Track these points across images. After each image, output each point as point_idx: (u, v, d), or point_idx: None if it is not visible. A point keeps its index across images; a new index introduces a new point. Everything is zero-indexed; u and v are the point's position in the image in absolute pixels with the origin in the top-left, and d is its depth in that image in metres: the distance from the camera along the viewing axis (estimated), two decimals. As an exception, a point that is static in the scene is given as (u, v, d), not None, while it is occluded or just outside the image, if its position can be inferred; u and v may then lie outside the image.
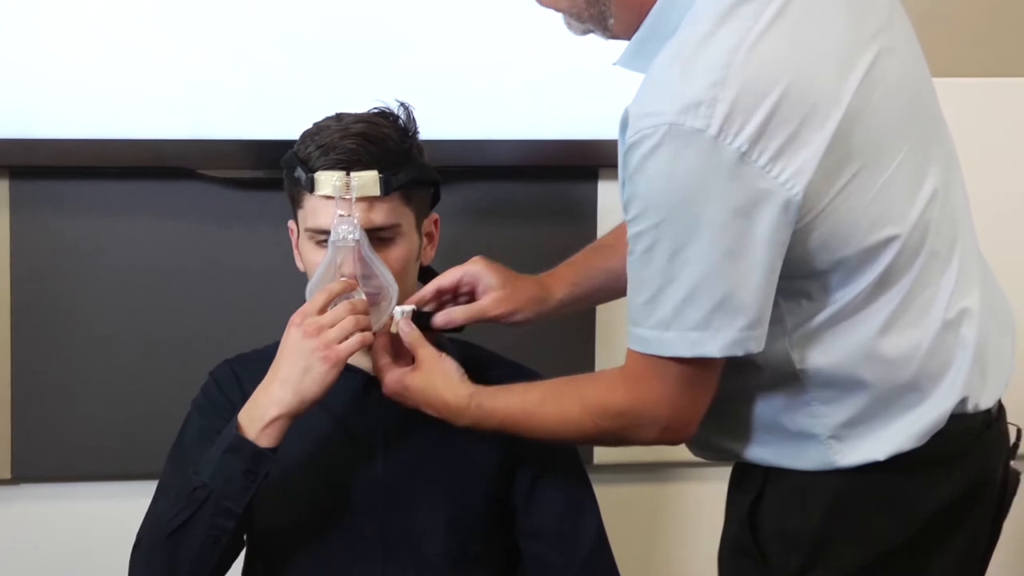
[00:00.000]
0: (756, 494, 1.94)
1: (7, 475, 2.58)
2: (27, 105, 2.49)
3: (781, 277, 1.78)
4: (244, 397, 2.01)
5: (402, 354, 2.06)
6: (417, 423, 2.11)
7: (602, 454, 2.71)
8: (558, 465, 2.16)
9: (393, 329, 2.03)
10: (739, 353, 1.79)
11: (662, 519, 2.80)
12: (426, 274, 2.20)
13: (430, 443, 2.12)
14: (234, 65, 2.52)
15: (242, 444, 1.95)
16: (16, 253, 2.55)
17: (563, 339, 2.69)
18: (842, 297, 1.83)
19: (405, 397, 2.01)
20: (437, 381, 2.00)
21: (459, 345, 2.20)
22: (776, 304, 1.81)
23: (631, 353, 1.85)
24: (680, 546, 2.82)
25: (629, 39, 1.88)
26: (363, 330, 1.96)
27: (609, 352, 2.71)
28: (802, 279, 1.82)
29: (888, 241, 1.81)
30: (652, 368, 1.83)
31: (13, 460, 2.57)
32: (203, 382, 2.18)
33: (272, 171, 2.17)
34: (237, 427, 1.96)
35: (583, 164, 2.63)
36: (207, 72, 2.52)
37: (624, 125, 1.77)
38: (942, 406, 1.88)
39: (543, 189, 2.40)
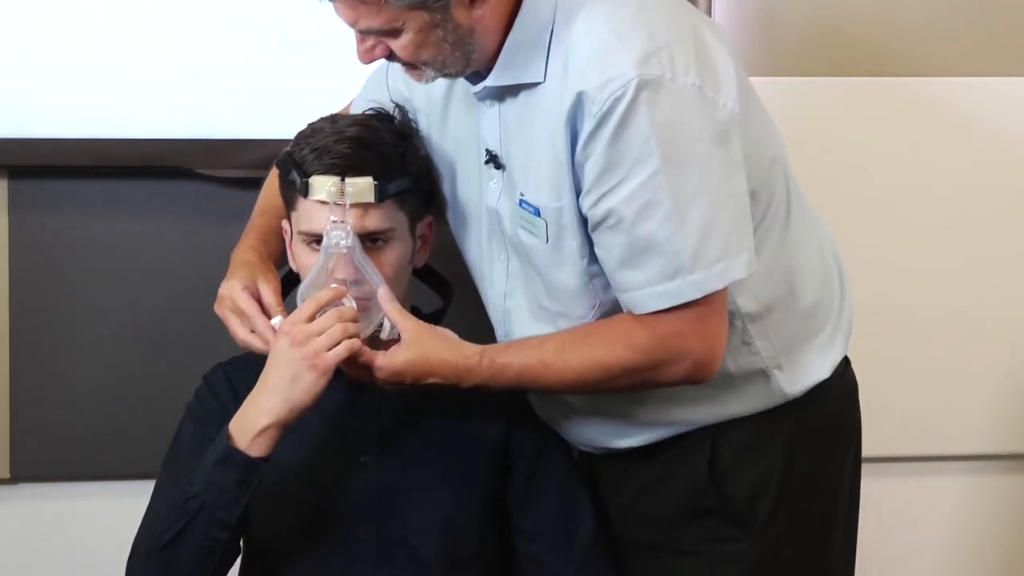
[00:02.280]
0: (709, 455, 2.03)
1: (6, 475, 2.58)
2: (26, 104, 2.49)
3: None
4: (237, 401, 2.02)
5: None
6: (411, 425, 2.12)
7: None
8: (553, 465, 2.16)
9: (384, 336, 2.02)
10: (752, 270, 1.89)
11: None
12: (428, 275, 2.20)
13: (424, 444, 2.12)
14: (233, 65, 2.52)
15: (233, 454, 1.95)
16: (15, 253, 2.55)
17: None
18: (760, 227, 1.96)
19: (403, 376, 1.98)
20: (432, 347, 1.98)
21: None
22: None
23: (646, 316, 1.90)
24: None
25: (480, 68, 1.94)
26: (351, 337, 1.95)
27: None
28: None
29: (773, 161, 1.97)
30: (674, 317, 1.89)
31: (12, 460, 2.58)
32: (198, 384, 2.18)
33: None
34: (228, 437, 1.96)
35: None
36: (206, 72, 2.51)
37: (581, 104, 1.84)
38: (843, 326, 2.08)
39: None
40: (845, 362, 2.13)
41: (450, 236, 2.19)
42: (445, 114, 2.10)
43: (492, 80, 1.95)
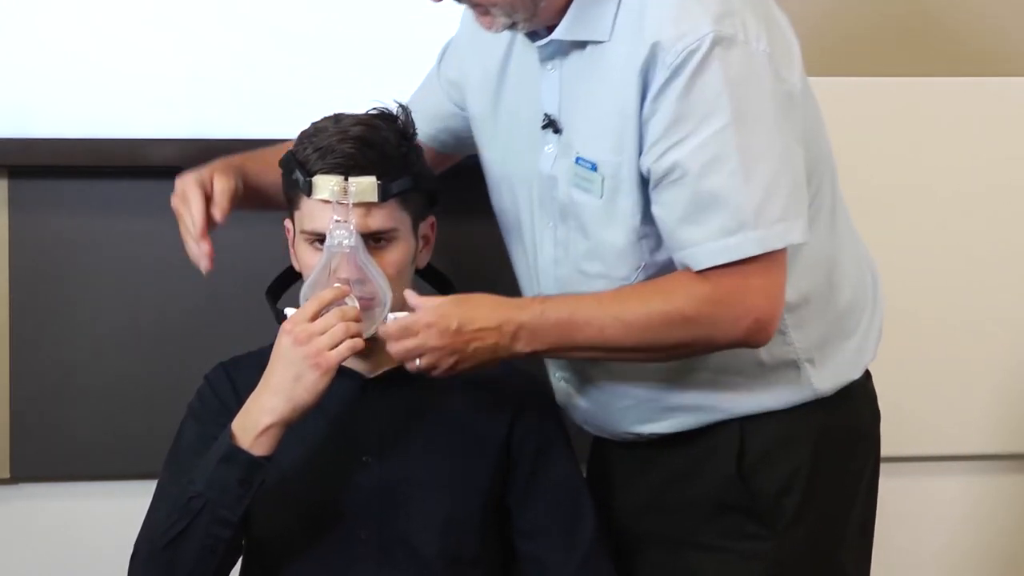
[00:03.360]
0: (737, 449, 2.02)
1: (6, 475, 2.58)
2: (26, 104, 2.49)
3: None
4: (239, 400, 2.02)
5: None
6: (412, 424, 2.12)
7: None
8: (554, 464, 2.16)
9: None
10: (809, 237, 1.90)
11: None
12: (431, 275, 2.20)
13: (426, 444, 2.12)
14: (233, 64, 2.52)
15: (236, 453, 1.95)
16: (15, 252, 2.55)
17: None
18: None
19: (447, 326, 1.94)
20: (475, 297, 1.96)
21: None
22: None
23: (707, 271, 1.90)
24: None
25: (548, 22, 1.95)
26: (354, 337, 1.96)
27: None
28: None
29: (822, 154, 1.98)
30: (734, 272, 1.89)
31: (12, 460, 2.58)
32: (199, 384, 2.18)
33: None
34: (231, 436, 1.96)
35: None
36: (206, 71, 2.52)
37: (655, 56, 1.86)
38: (871, 336, 2.09)
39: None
40: (868, 372, 2.15)
41: (452, 236, 2.19)
42: (500, 86, 2.11)
43: (560, 34, 1.95)
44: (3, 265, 2.55)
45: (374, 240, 2.02)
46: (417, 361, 1.96)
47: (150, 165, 2.54)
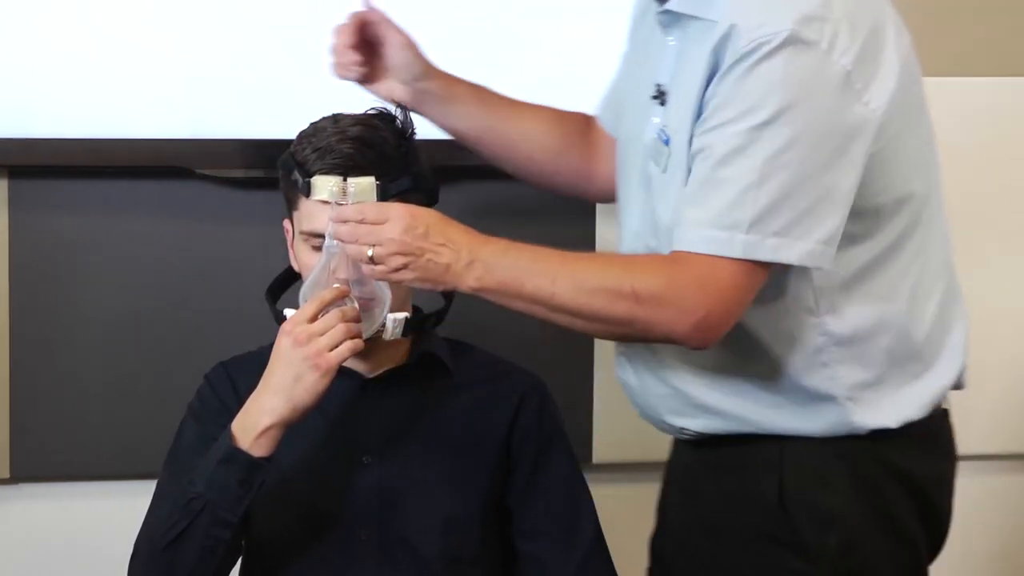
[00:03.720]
0: (777, 474, 1.94)
1: (6, 475, 2.58)
2: (26, 104, 2.49)
3: None
4: (239, 400, 2.02)
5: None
6: (412, 425, 2.12)
7: (602, 454, 2.71)
8: (554, 465, 2.17)
9: (386, 336, 2.02)
10: (811, 265, 1.82)
11: (662, 519, 2.80)
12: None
13: (426, 444, 2.12)
14: (233, 64, 2.52)
15: (236, 454, 1.95)
16: (15, 252, 2.55)
17: (563, 340, 2.68)
18: (869, 250, 1.89)
19: (410, 224, 1.90)
20: (440, 222, 1.92)
21: (454, 345, 2.20)
22: None
23: (685, 253, 1.84)
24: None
25: None
26: (353, 338, 1.95)
27: (610, 353, 2.70)
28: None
29: (912, 196, 1.90)
30: (708, 265, 1.82)
31: (12, 460, 2.57)
32: (199, 384, 2.18)
33: (271, 171, 2.17)
34: (231, 437, 1.96)
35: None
36: (206, 71, 2.51)
37: (730, 37, 1.80)
38: (947, 376, 1.96)
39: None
40: (943, 414, 2.02)
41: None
42: (630, 51, 2.12)
43: (672, 4, 1.91)
44: (3, 265, 2.55)
45: (374, 240, 2.02)
46: (369, 251, 1.90)
47: (150, 165, 2.54)
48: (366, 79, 2.18)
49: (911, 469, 1.96)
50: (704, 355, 1.94)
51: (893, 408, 1.93)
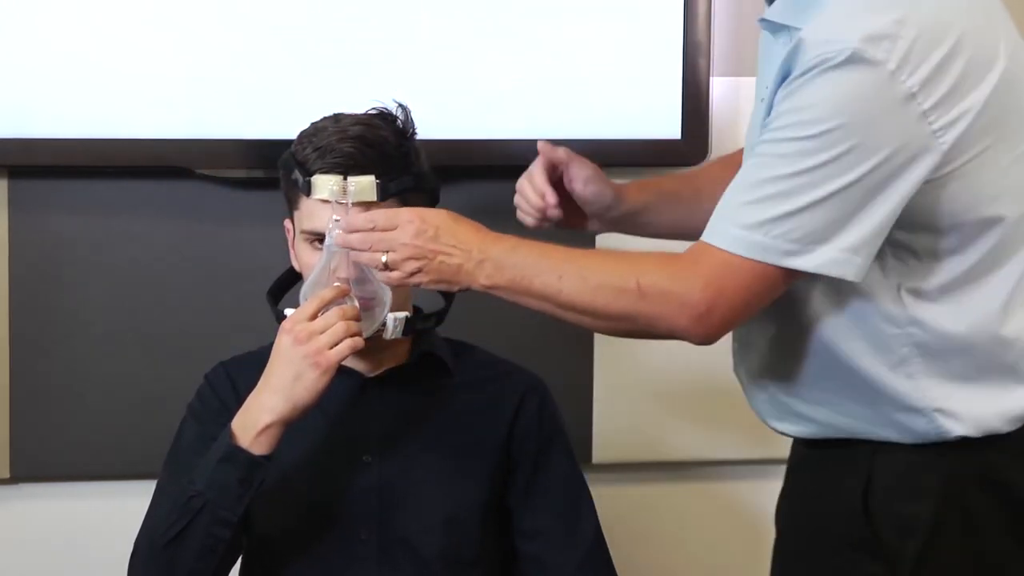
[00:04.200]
0: (865, 479, 1.92)
1: (6, 475, 2.58)
2: (26, 104, 2.48)
3: (897, 228, 1.81)
4: (239, 399, 2.02)
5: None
6: (413, 424, 2.12)
7: (602, 454, 2.71)
8: (555, 465, 2.17)
9: (387, 335, 2.02)
10: (833, 274, 1.79)
11: (661, 519, 2.80)
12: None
13: (426, 444, 2.12)
14: (233, 64, 2.52)
15: (236, 453, 1.95)
16: (15, 253, 2.55)
17: (563, 340, 2.68)
18: (958, 264, 1.85)
19: (424, 224, 1.90)
20: (450, 222, 1.92)
21: (455, 345, 2.20)
22: (885, 257, 1.83)
23: (704, 245, 1.83)
24: (679, 546, 2.82)
25: None
26: (354, 336, 1.95)
27: (610, 353, 2.71)
28: (918, 233, 1.83)
29: (1001, 219, 1.84)
30: (721, 261, 1.81)
31: (12, 460, 2.57)
32: (199, 384, 2.18)
33: (271, 171, 2.17)
34: (231, 435, 1.96)
35: (583, 164, 2.63)
36: (206, 71, 2.51)
37: (798, 51, 1.78)
38: None
39: (542, 189, 2.40)
40: None
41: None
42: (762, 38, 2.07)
43: (773, 13, 1.90)
44: (3, 265, 2.55)
45: (374, 239, 2.02)
46: (383, 258, 1.91)
47: (150, 165, 2.54)
48: (562, 220, 2.15)
49: (1007, 480, 1.91)
50: (791, 365, 1.94)
51: (983, 420, 1.89)
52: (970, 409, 1.88)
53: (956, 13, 1.79)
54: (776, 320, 1.94)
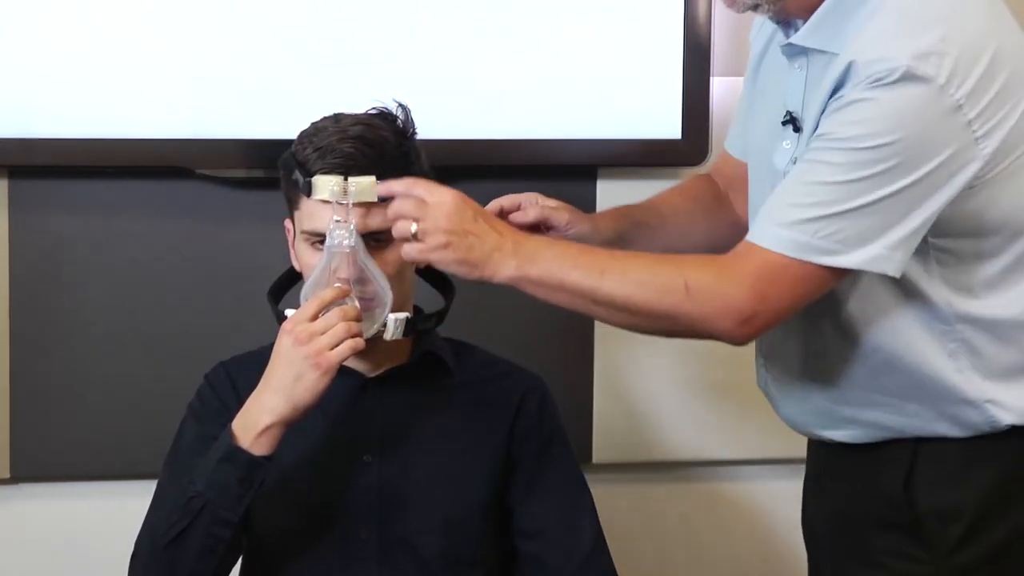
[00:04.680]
0: (906, 470, 1.96)
1: (6, 475, 2.58)
2: (26, 104, 2.49)
3: (939, 235, 1.88)
4: (239, 400, 2.01)
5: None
6: (413, 424, 2.12)
7: (602, 454, 2.71)
8: (555, 465, 2.16)
9: (387, 336, 2.02)
10: (874, 270, 1.83)
11: (661, 519, 2.80)
12: (431, 275, 2.20)
13: (426, 444, 2.12)
14: (233, 64, 2.52)
15: (236, 453, 1.95)
16: (15, 253, 2.55)
17: (563, 340, 2.69)
18: (999, 263, 1.92)
19: (457, 209, 1.90)
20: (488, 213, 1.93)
21: (455, 345, 2.20)
22: (928, 260, 1.90)
23: (749, 245, 1.86)
24: (680, 546, 2.82)
25: (797, 14, 1.94)
26: (354, 337, 1.95)
27: (610, 353, 2.71)
28: (959, 239, 1.90)
29: None
30: (765, 261, 1.84)
31: (12, 460, 2.57)
32: (199, 384, 2.18)
33: (271, 171, 2.16)
34: (231, 436, 1.96)
35: (582, 164, 2.63)
36: (206, 71, 2.51)
37: (848, 74, 1.83)
38: None
39: (542, 189, 2.39)
40: None
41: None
42: (759, 66, 2.12)
43: (798, 38, 1.94)
44: (3, 265, 2.55)
45: (374, 240, 2.02)
46: (413, 226, 1.90)
47: (150, 165, 2.54)
48: None
49: None
50: (837, 372, 1.98)
51: None
52: (1020, 398, 1.94)
53: (991, 30, 1.87)
54: (813, 330, 1.98)
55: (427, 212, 1.90)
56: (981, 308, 1.92)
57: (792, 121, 1.97)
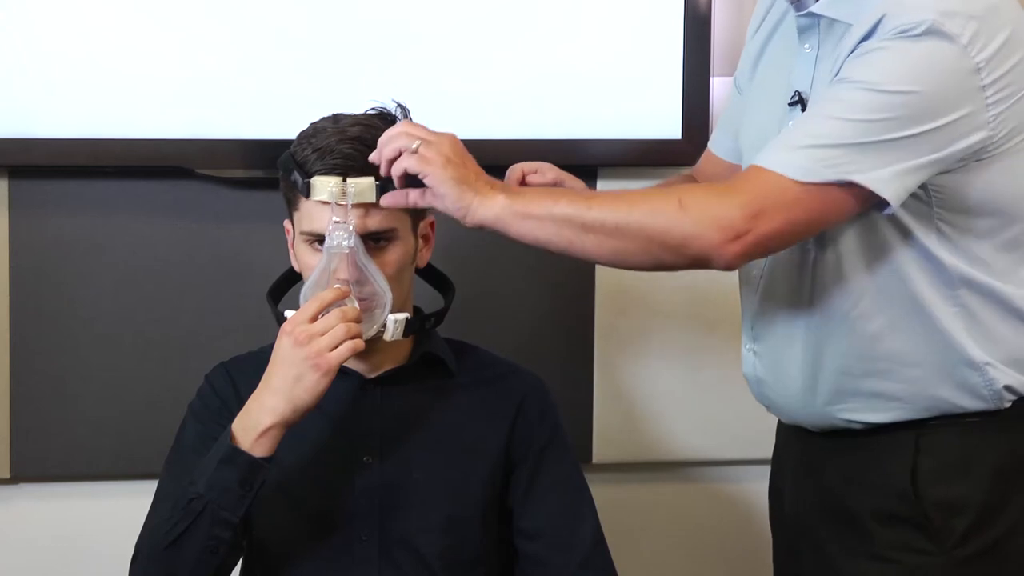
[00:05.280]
0: (911, 465, 1.97)
1: (6, 475, 2.58)
2: (26, 105, 2.49)
3: (942, 209, 1.91)
4: (240, 400, 2.02)
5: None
6: (413, 425, 2.12)
7: (602, 454, 2.71)
8: (555, 465, 2.16)
9: (387, 337, 2.02)
10: (871, 187, 1.83)
11: (661, 519, 2.80)
12: (431, 274, 2.20)
13: (426, 445, 2.12)
14: (233, 65, 2.52)
15: (236, 455, 1.95)
16: (15, 252, 2.55)
17: (563, 340, 2.68)
18: (998, 238, 1.95)
19: (446, 144, 1.91)
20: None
21: (455, 346, 2.20)
22: (930, 232, 1.92)
23: (753, 167, 1.87)
24: (679, 546, 2.82)
25: None
26: (354, 338, 1.95)
27: (610, 353, 2.71)
28: (959, 214, 1.92)
29: None
30: (763, 182, 1.85)
31: (12, 460, 2.57)
32: (199, 384, 2.18)
33: (270, 171, 2.16)
34: (231, 437, 1.96)
35: (582, 164, 2.62)
36: (205, 71, 2.51)
37: (878, 27, 1.86)
38: None
39: (542, 189, 2.40)
40: None
41: (452, 235, 2.18)
42: (759, 58, 2.13)
43: (819, 7, 1.95)
44: (3, 265, 2.55)
45: (373, 240, 2.02)
46: (416, 143, 1.90)
47: (150, 165, 2.54)
48: None
49: None
50: (840, 340, 1.98)
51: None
52: (1017, 363, 1.96)
53: (1012, 7, 1.90)
54: (814, 298, 1.99)
55: (431, 136, 1.92)
56: (983, 276, 1.93)
57: (801, 101, 1.98)
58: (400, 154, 1.91)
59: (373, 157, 1.96)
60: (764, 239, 1.86)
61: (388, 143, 1.93)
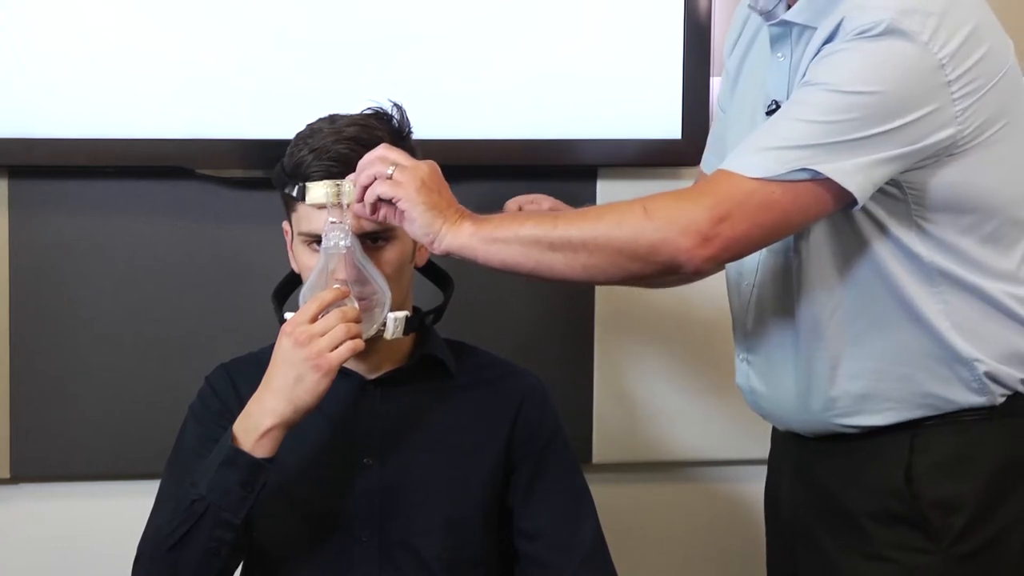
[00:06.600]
0: (907, 464, 1.98)
1: (6, 475, 2.58)
2: (26, 105, 2.48)
3: (916, 206, 1.92)
4: (240, 402, 2.02)
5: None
6: (413, 426, 2.12)
7: (602, 454, 2.71)
8: (555, 466, 2.17)
9: (387, 335, 2.02)
10: (835, 178, 1.83)
11: (661, 519, 2.80)
12: (429, 271, 2.20)
13: (426, 445, 2.12)
14: (232, 65, 2.52)
15: (238, 456, 1.95)
16: (15, 252, 2.55)
17: (563, 340, 2.68)
18: (975, 235, 1.95)
19: (420, 171, 1.93)
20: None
21: (455, 346, 2.20)
22: (909, 232, 1.93)
23: (718, 171, 1.88)
24: (679, 546, 2.82)
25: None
26: (354, 338, 1.95)
27: (610, 353, 2.71)
28: (933, 211, 1.92)
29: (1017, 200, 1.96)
30: (731, 184, 1.85)
31: (12, 459, 2.57)
32: (200, 385, 2.18)
33: (270, 171, 2.16)
34: (232, 438, 1.96)
35: (582, 164, 2.63)
36: (205, 71, 2.51)
37: (838, 30, 1.87)
38: None
39: (542, 189, 2.40)
40: None
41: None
42: (738, 76, 2.15)
43: (793, 14, 1.97)
44: (3, 265, 2.55)
45: (371, 240, 2.02)
46: (391, 169, 1.92)
47: (150, 165, 2.54)
48: None
49: None
50: (829, 344, 1.98)
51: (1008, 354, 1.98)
52: (1001, 355, 1.96)
53: (974, 4, 1.91)
54: (803, 305, 2.00)
55: (407, 162, 1.93)
56: (965, 272, 1.94)
57: (777, 109, 1.98)
58: (375, 180, 1.93)
59: (351, 178, 1.97)
60: (731, 242, 1.86)
61: (363, 169, 1.94)
